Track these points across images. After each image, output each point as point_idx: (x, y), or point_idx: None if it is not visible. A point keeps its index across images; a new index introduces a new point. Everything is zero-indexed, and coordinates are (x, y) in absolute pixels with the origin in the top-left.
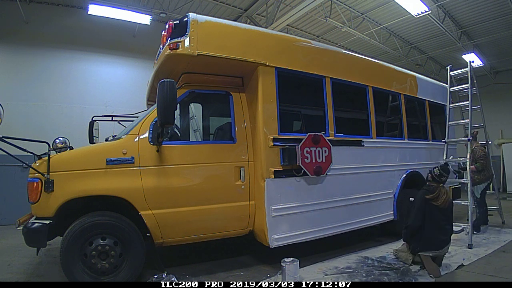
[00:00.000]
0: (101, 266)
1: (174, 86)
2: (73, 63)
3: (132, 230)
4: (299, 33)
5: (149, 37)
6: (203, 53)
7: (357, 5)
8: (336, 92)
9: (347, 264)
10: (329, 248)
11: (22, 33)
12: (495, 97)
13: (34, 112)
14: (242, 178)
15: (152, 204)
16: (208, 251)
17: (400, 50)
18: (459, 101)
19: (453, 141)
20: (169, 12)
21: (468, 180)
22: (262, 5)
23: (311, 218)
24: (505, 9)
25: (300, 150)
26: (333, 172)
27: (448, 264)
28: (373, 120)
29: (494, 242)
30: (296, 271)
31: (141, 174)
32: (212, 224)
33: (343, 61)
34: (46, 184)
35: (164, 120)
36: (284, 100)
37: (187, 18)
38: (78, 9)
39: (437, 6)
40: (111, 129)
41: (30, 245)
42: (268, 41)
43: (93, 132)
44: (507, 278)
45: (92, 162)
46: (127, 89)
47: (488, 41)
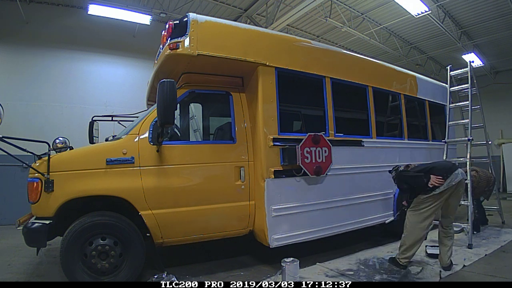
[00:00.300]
0: (101, 266)
1: (174, 86)
2: (73, 63)
3: (132, 230)
4: (299, 33)
5: (149, 37)
6: (203, 53)
7: (357, 5)
8: (336, 92)
9: (349, 266)
10: (329, 248)
11: (22, 33)
12: (495, 97)
13: (34, 112)
14: (242, 178)
15: (152, 204)
16: (208, 251)
17: (400, 50)
18: (459, 101)
19: (453, 141)
20: (169, 12)
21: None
22: (262, 5)
23: (311, 218)
24: (505, 9)
25: (300, 150)
26: (333, 172)
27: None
28: (373, 120)
29: (494, 242)
30: (296, 271)
31: (141, 174)
32: (212, 224)
33: (343, 61)
34: (46, 184)
35: (164, 120)
36: (284, 100)
37: (187, 18)
38: (78, 9)
39: (437, 6)
40: (111, 129)
41: (30, 245)
42: (268, 41)
43: (93, 132)
44: (507, 278)
45: (92, 162)
46: (127, 89)
47: (488, 41)
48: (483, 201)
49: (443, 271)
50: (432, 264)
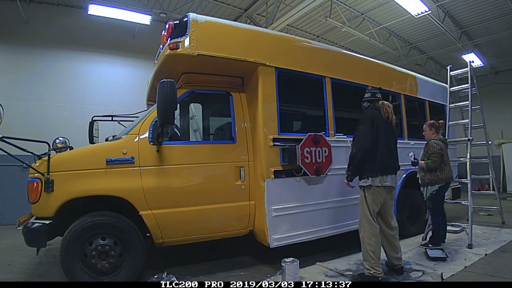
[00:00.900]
0: (101, 266)
1: (174, 86)
2: (73, 63)
3: (132, 230)
4: (299, 33)
5: (149, 37)
6: (203, 53)
7: (357, 5)
8: (336, 92)
9: (348, 266)
10: (329, 248)
11: (22, 33)
12: (495, 97)
13: (34, 112)
14: (242, 178)
15: (152, 204)
16: (208, 251)
17: (400, 50)
18: (459, 101)
19: (453, 141)
20: (169, 12)
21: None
22: (262, 5)
23: (311, 218)
24: (505, 9)
25: (300, 150)
26: (333, 172)
27: (452, 265)
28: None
29: (494, 242)
30: (296, 271)
31: (141, 174)
32: (212, 224)
33: (343, 61)
34: (46, 184)
35: (164, 120)
36: (284, 100)
37: (187, 18)
38: (78, 9)
39: (437, 6)
40: (111, 129)
41: (30, 245)
42: (268, 41)
43: (93, 132)
44: (507, 278)
45: (92, 162)
46: (127, 89)
47: (488, 41)
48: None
49: (446, 273)
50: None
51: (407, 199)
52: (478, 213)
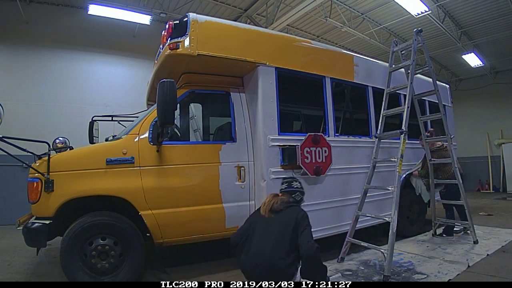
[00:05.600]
0: (101, 266)
1: (174, 86)
2: (73, 63)
3: (132, 230)
4: (299, 33)
5: (149, 37)
6: (203, 53)
7: (357, 5)
8: (336, 92)
9: (348, 266)
10: (329, 248)
11: (22, 33)
12: (495, 97)
13: (34, 112)
14: (242, 178)
15: (152, 204)
16: (208, 251)
17: None
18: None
19: (388, 134)
20: (169, 12)
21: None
22: (262, 5)
23: (311, 218)
24: (505, 9)
25: (300, 150)
26: (333, 172)
27: (455, 264)
28: (373, 120)
29: (494, 242)
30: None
31: (141, 174)
32: (212, 224)
33: (343, 61)
34: (46, 184)
35: (164, 120)
36: (284, 100)
37: (187, 18)
38: (78, 9)
39: (437, 6)
40: (111, 129)
41: (30, 245)
42: (268, 41)
43: (93, 132)
44: (507, 278)
45: (92, 162)
46: (127, 89)
47: (488, 41)
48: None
49: (448, 273)
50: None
51: (407, 199)
52: (478, 213)
